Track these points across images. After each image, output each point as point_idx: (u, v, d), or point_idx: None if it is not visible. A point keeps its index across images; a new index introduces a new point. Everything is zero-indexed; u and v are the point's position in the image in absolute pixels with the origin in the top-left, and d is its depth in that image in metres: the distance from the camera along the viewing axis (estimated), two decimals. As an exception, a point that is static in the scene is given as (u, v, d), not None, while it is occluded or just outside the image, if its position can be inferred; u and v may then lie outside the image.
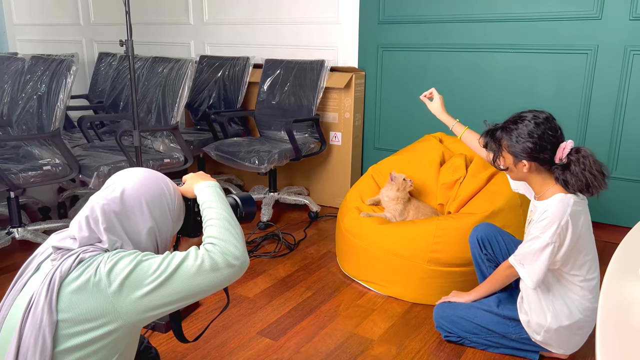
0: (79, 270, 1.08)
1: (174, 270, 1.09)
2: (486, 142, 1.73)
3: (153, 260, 1.10)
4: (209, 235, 1.17)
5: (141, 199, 1.19)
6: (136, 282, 1.07)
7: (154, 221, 1.21)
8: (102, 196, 1.18)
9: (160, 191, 1.23)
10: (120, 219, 1.17)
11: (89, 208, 1.17)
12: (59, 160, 2.56)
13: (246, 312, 2.16)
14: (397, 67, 3.29)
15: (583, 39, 2.71)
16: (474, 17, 2.96)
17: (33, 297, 1.08)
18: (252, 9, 3.77)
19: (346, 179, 3.41)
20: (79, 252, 1.11)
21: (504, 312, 1.82)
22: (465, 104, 3.10)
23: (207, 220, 1.21)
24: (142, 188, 1.20)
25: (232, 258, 1.13)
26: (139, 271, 1.08)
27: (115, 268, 1.07)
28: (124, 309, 1.07)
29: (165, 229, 1.25)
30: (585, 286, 1.71)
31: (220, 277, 1.12)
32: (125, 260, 1.09)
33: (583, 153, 1.60)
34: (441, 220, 2.18)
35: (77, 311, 1.05)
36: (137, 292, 1.07)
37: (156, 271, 1.08)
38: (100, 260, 1.09)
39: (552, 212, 1.59)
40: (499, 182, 2.33)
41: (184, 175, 1.40)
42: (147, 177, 1.23)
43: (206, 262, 1.11)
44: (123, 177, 1.22)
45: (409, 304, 2.23)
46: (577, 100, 2.77)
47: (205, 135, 3.47)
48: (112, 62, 4.10)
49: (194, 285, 1.10)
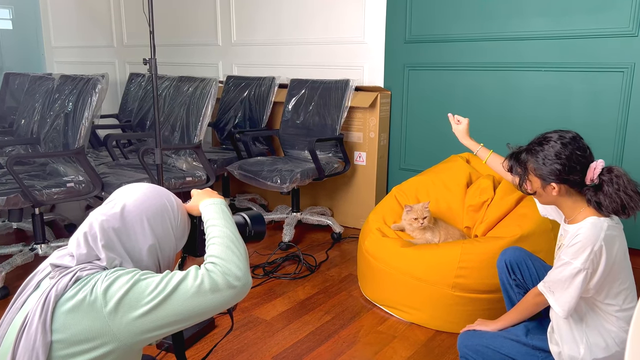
0: (75, 289, 1.04)
1: (172, 290, 1.03)
2: (511, 166, 1.64)
3: (151, 279, 1.05)
4: (210, 254, 1.12)
5: (142, 215, 1.15)
6: (132, 302, 1.02)
7: (155, 238, 1.16)
8: (101, 212, 1.14)
9: (162, 207, 1.18)
10: (119, 236, 1.12)
11: (88, 224, 1.13)
12: (82, 178, 2.58)
13: (262, 335, 2.09)
14: (424, 86, 3.22)
15: (619, 57, 2.59)
16: (504, 36, 2.89)
17: (28, 316, 1.04)
18: (279, 30, 3.79)
19: (371, 200, 3.33)
20: (76, 270, 1.07)
21: (533, 342, 1.70)
22: (495, 124, 3.00)
23: (209, 238, 1.16)
24: (143, 204, 1.16)
25: (233, 279, 1.08)
26: (136, 291, 1.03)
27: (112, 287, 1.03)
28: (119, 330, 1.02)
29: (168, 247, 1.20)
30: (622, 317, 1.58)
31: (220, 298, 1.06)
32: (123, 279, 1.04)
33: (616, 172, 1.49)
34: (467, 244, 2.08)
35: (72, 331, 1.01)
36: (133, 312, 1.02)
37: (154, 291, 1.03)
38: (97, 279, 1.05)
39: (585, 237, 1.49)
40: (528, 205, 2.22)
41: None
42: (149, 193, 1.18)
43: (206, 282, 1.05)
44: (124, 192, 1.18)
45: (432, 331, 2.13)
46: (614, 120, 2.65)
47: (230, 155, 3.46)
48: (142, 83, 4.17)
49: (193, 306, 1.04)
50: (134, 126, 3.68)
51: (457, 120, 2.09)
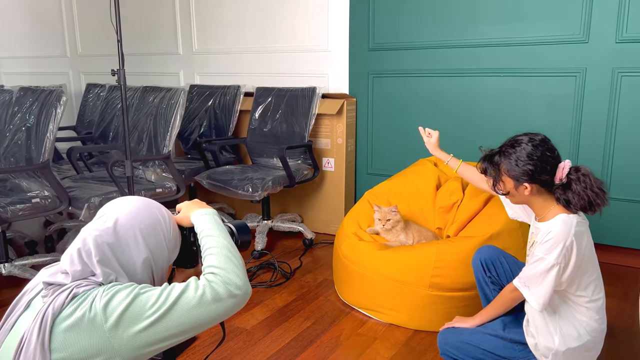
0: (73, 306, 1.02)
1: (174, 302, 1.03)
2: (485, 168, 1.71)
3: (151, 292, 1.04)
4: (209, 265, 1.12)
5: (135, 228, 1.14)
6: (134, 317, 1.01)
7: (149, 251, 1.15)
8: (94, 227, 1.12)
9: (155, 220, 1.18)
10: (114, 251, 1.11)
11: (81, 240, 1.11)
12: (48, 193, 2.50)
13: (244, 345, 2.09)
14: (388, 92, 3.31)
15: (571, 62, 2.75)
16: (463, 43, 3.00)
17: (24, 337, 1.01)
18: (242, 38, 3.79)
19: (340, 205, 3.38)
20: (72, 287, 1.05)
21: (511, 335, 1.78)
22: (457, 127, 3.11)
23: (206, 249, 1.16)
24: (135, 217, 1.15)
25: (234, 288, 1.08)
26: (137, 305, 1.02)
27: (112, 302, 1.02)
28: (122, 345, 1.00)
29: (161, 260, 1.20)
30: (592, 307, 1.68)
31: (222, 308, 1.07)
32: (122, 294, 1.03)
33: (583, 171, 1.59)
34: (441, 245, 2.15)
35: (72, 350, 0.99)
36: (135, 326, 1.01)
37: (155, 304, 1.02)
38: (95, 295, 1.03)
39: (557, 233, 1.58)
40: (496, 205, 2.32)
41: (177, 204, 1.35)
42: (140, 206, 1.17)
43: (207, 292, 1.05)
44: (115, 206, 1.17)
45: (411, 331, 2.19)
46: (569, 122, 2.80)
47: (196, 164, 3.43)
48: (101, 93, 4.07)
49: (196, 317, 1.04)
50: (96, 138, 3.58)
51: (428, 133, 2.19)
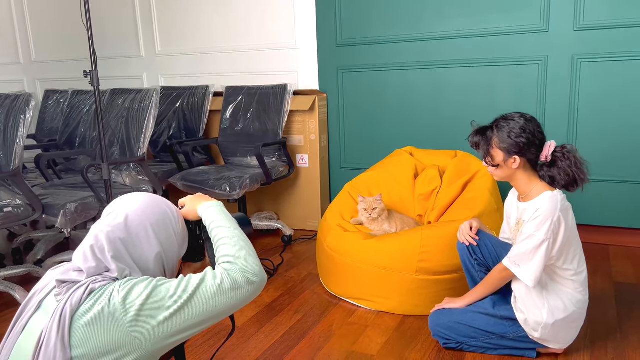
0: (91, 301, 1.02)
1: (193, 292, 1.04)
2: (476, 141, 1.78)
3: (169, 284, 1.05)
4: (224, 254, 1.13)
5: (146, 223, 1.15)
6: (154, 309, 1.02)
7: (160, 246, 1.16)
8: (105, 223, 1.13)
9: (164, 214, 1.19)
10: (126, 246, 1.12)
11: (93, 237, 1.11)
12: (20, 201, 2.41)
13: (238, 342, 2.08)
14: (358, 87, 3.35)
15: (533, 51, 2.87)
16: (430, 36, 3.09)
17: (42, 335, 1.00)
18: (207, 38, 3.76)
19: (316, 201, 3.40)
20: (88, 283, 1.05)
21: (501, 312, 1.85)
22: (427, 117, 3.19)
23: (219, 239, 1.18)
24: (145, 212, 1.16)
25: (251, 275, 1.10)
26: (156, 296, 1.03)
27: (130, 295, 1.02)
28: (142, 337, 1.01)
29: (172, 254, 1.20)
30: (577, 279, 1.77)
31: (240, 295, 1.09)
32: (140, 287, 1.03)
33: (569, 149, 1.68)
34: (426, 230, 2.21)
35: (93, 345, 0.99)
36: (155, 318, 1.01)
37: (174, 295, 1.03)
38: (112, 289, 1.03)
39: (545, 210, 1.65)
40: (474, 189, 2.40)
41: (179, 199, 1.36)
42: (148, 201, 1.18)
43: (226, 281, 1.07)
44: (124, 202, 1.17)
45: (400, 317, 2.23)
46: (534, 107, 2.92)
47: (167, 167, 3.38)
48: (61, 99, 3.95)
49: (215, 306, 1.06)
50: (61, 145, 3.47)
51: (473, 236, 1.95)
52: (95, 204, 2.51)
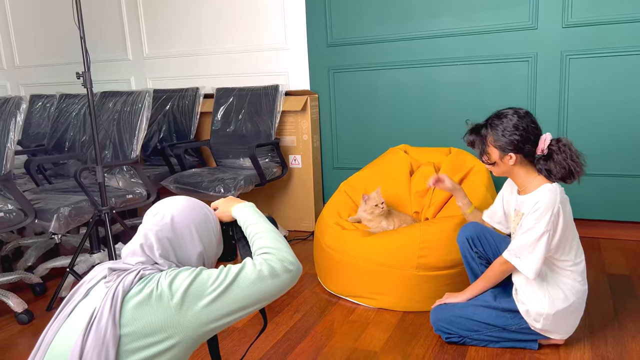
0: (141, 285, 1.10)
1: (234, 278, 1.11)
2: (472, 140, 1.79)
3: (211, 271, 1.14)
4: (261, 247, 1.21)
5: (190, 224, 1.23)
6: (198, 293, 1.09)
7: (202, 246, 1.25)
8: (153, 223, 1.21)
9: (205, 216, 1.28)
10: (173, 245, 1.20)
11: (142, 235, 1.19)
12: (12, 206, 2.36)
13: (240, 343, 2.07)
14: (349, 87, 3.36)
15: (523, 48, 2.91)
16: (419, 35, 3.11)
17: (95, 313, 1.06)
18: (197, 40, 3.74)
19: (309, 201, 3.40)
20: (139, 269, 1.13)
21: (502, 304, 1.87)
22: (418, 115, 3.21)
23: (254, 234, 1.26)
24: (189, 214, 1.24)
25: (288, 264, 1.18)
26: (199, 282, 1.10)
27: (176, 280, 1.09)
28: (186, 321, 1.07)
29: (212, 253, 1.30)
30: (575, 270, 1.80)
31: (279, 283, 1.15)
32: (185, 274, 1.11)
33: (564, 142, 1.70)
34: (425, 226, 2.22)
35: (140, 325, 1.05)
36: (199, 302, 1.08)
37: (216, 281, 1.11)
38: (160, 276, 1.11)
39: (545, 202, 1.67)
40: (471, 185, 2.42)
41: (211, 202, 1.44)
42: (190, 204, 1.27)
43: (265, 269, 1.14)
44: (168, 205, 1.25)
45: (400, 313, 2.24)
46: (524, 104, 2.96)
47: (159, 170, 3.34)
48: (47, 104, 3.89)
49: (255, 292, 1.12)
50: (50, 150, 3.42)
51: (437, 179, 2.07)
52: (88, 207, 2.47)
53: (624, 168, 2.84)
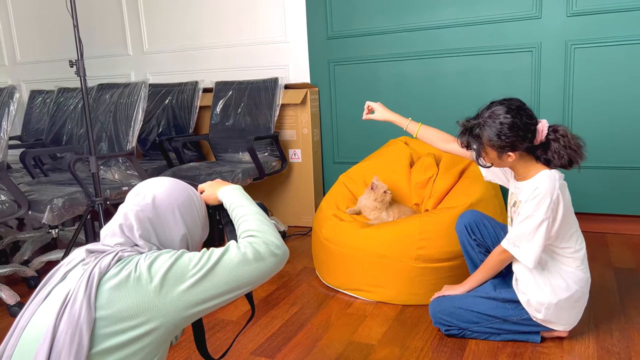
0: (119, 267, 1.05)
1: (217, 261, 1.06)
2: (468, 142, 1.71)
3: (193, 254, 1.08)
4: (246, 229, 1.16)
5: (173, 205, 1.17)
6: (178, 276, 1.03)
7: (186, 228, 1.19)
8: (133, 203, 1.15)
9: (189, 198, 1.22)
10: (154, 226, 1.14)
11: (122, 215, 1.13)
12: (5, 197, 2.33)
13: (233, 335, 2.02)
14: (350, 79, 3.31)
15: (526, 38, 2.85)
16: (421, 26, 3.06)
17: (69, 295, 1.01)
18: (197, 35, 3.71)
19: (309, 196, 3.35)
20: (117, 251, 1.08)
21: (502, 295, 1.81)
22: (420, 107, 3.16)
23: (240, 217, 1.20)
24: (172, 195, 1.18)
25: (274, 247, 1.12)
26: (180, 264, 1.04)
27: (155, 263, 1.05)
28: (165, 305, 1.02)
29: (196, 236, 1.24)
30: (577, 257, 1.73)
31: (264, 267, 1.10)
32: (165, 256, 1.06)
33: (561, 132, 1.63)
34: (424, 217, 2.16)
35: (117, 308, 1.00)
36: (179, 286, 1.03)
37: (198, 263, 1.05)
38: (139, 258, 1.06)
39: (544, 189, 1.61)
40: (472, 176, 2.36)
41: (199, 185, 1.40)
42: (174, 185, 1.21)
43: (249, 252, 1.09)
44: (151, 185, 1.20)
45: (399, 306, 2.18)
46: (527, 95, 2.90)
47: (157, 164, 3.31)
48: (47, 99, 3.87)
49: (238, 276, 1.07)
50: (48, 144, 3.39)
51: (367, 109, 2.16)
52: (83, 199, 2.44)
53: (631, 160, 2.76)
